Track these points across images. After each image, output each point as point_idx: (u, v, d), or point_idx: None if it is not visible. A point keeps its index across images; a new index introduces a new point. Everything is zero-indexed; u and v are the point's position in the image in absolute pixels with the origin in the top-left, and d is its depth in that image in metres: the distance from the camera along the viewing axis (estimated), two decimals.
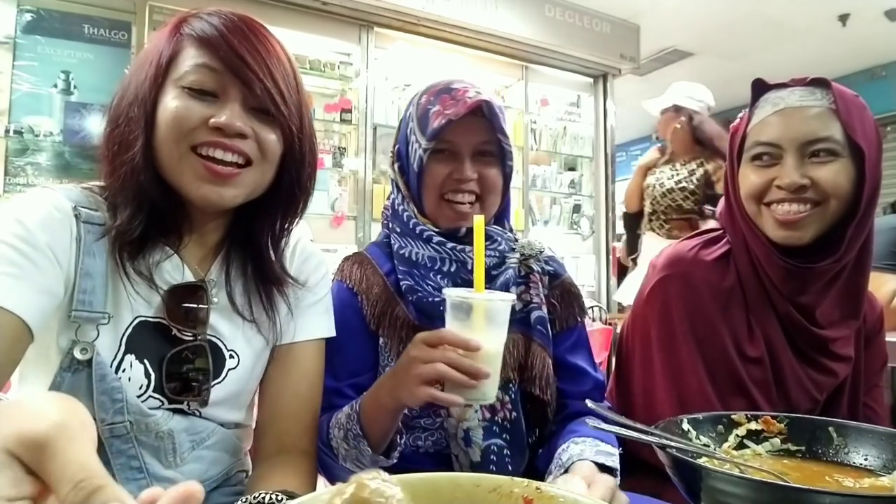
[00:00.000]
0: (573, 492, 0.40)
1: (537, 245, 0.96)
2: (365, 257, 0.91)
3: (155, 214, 0.67)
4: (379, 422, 0.73)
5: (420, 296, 0.84)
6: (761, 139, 0.85)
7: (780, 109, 0.84)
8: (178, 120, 0.64)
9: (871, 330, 0.96)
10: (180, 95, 0.65)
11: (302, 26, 2.92)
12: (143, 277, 0.67)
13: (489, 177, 0.87)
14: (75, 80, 2.55)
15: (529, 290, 0.90)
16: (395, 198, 0.92)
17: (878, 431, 0.63)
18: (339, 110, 3.11)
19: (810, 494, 0.46)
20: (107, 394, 0.63)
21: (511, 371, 0.85)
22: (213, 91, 0.65)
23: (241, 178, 0.67)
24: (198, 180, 0.65)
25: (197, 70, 0.65)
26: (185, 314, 0.69)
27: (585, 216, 3.94)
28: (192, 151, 0.65)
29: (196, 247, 0.73)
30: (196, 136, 0.64)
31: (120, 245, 0.65)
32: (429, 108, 0.85)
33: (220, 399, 0.72)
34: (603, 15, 3.79)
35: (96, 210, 0.67)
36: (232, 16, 0.69)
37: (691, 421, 0.66)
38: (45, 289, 0.60)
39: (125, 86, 0.68)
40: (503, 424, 0.83)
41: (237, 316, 0.74)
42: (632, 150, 7.12)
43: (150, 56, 0.67)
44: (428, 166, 0.86)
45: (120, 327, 0.66)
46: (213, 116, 0.64)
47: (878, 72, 4.82)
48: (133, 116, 0.65)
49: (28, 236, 0.60)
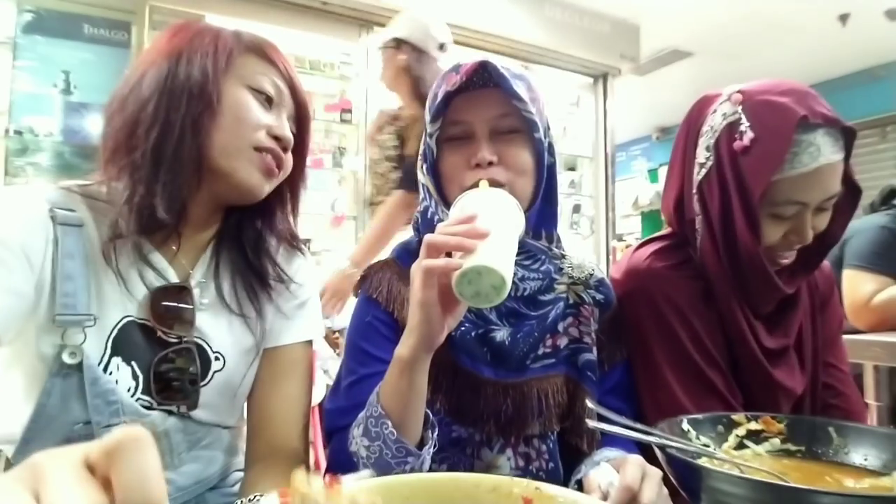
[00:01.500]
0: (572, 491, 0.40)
1: (587, 266, 0.85)
2: (399, 269, 0.81)
3: (152, 212, 0.65)
4: (400, 392, 0.62)
5: (460, 332, 0.75)
6: (795, 198, 0.78)
7: (819, 166, 0.77)
8: (247, 118, 0.69)
9: (824, 295, 0.95)
10: (247, 94, 0.70)
11: (302, 26, 2.91)
12: (126, 277, 0.66)
13: (511, 155, 0.73)
14: (75, 80, 2.54)
15: (579, 327, 0.80)
16: (427, 204, 0.82)
17: (878, 431, 0.63)
18: (339, 110, 3.10)
19: (810, 494, 0.46)
20: (101, 396, 0.63)
21: (552, 419, 0.77)
22: (272, 99, 0.72)
23: (275, 180, 0.75)
24: (253, 168, 0.70)
25: (264, 77, 0.72)
26: (169, 316, 0.69)
27: (585, 216, 3.94)
28: (253, 149, 0.70)
29: (188, 243, 0.74)
30: (259, 138, 0.70)
31: (105, 243, 0.65)
32: (436, 92, 0.75)
33: (207, 401, 0.72)
34: (603, 15, 3.79)
35: (73, 210, 0.66)
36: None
37: (691, 421, 0.66)
38: (13, 289, 0.59)
39: (139, 75, 0.68)
40: (538, 475, 0.75)
41: (224, 313, 0.74)
42: (632, 150, 7.11)
43: (211, 40, 0.70)
44: (441, 156, 0.75)
45: (106, 329, 0.66)
46: (271, 124, 0.71)
47: (878, 72, 4.81)
48: (195, 92, 0.66)
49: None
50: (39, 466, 0.21)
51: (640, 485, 0.56)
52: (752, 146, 0.79)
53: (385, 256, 0.86)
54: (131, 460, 0.22)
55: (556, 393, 0.77)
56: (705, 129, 0.87)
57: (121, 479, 0.21)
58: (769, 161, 0.77)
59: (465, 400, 0.75)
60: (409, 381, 0.62)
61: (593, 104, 4.00)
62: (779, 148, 0.76)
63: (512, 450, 0.76)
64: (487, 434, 0.76)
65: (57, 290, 0.62)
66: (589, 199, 3.98)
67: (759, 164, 0.78)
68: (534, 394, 0.76)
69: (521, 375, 0.77)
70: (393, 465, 0.63)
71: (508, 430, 0.76)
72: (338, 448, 0.69)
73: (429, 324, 0.60)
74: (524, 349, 0.77)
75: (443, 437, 0.75)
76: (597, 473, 0.61)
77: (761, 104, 0.81)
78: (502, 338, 0.76)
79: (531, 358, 0.78)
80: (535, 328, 0.78)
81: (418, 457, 0.63)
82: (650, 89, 5.12)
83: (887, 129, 4.78)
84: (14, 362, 0.64)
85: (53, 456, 0.22)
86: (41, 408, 0.61)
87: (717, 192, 0.83)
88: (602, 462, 0.65)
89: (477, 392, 0.75)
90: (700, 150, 0.86)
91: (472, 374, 0.75)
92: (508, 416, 0.75)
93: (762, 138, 0.78)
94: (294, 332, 0.79)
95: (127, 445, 0.22)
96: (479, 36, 3.36)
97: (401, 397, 0.62)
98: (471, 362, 0.75)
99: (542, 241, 0.79)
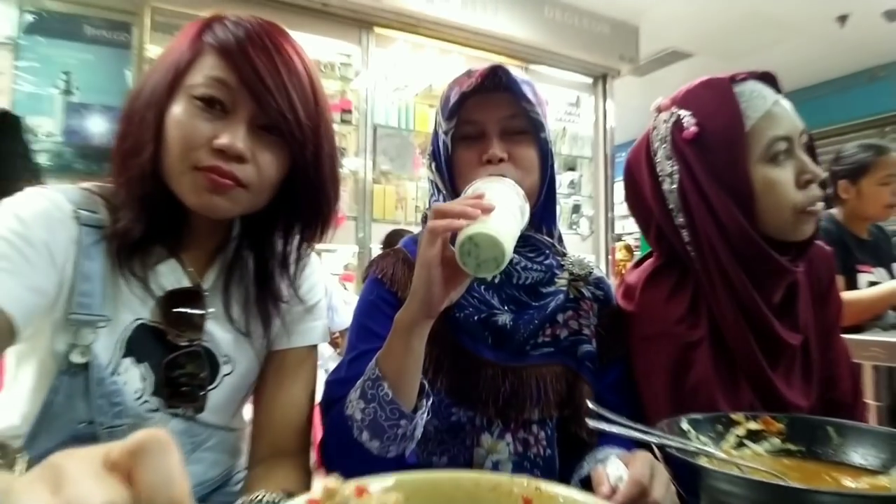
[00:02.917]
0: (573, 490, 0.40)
1: (587, 264, 0.89)
2: (406, 255, 0.84)
3: (156, 218, 0.66)
4: (397, 355, 0.65)
5: (464, 315, 0.78)
6: (777, 133, 0.79)
7: (776, 101, 0.81)
8: (184, 136, 0.63)
9: (824, 284, 0.92)
10: (190, 106, 0.63)
11: (302, 26, 2.91)
12: (141, 280, 0.67)
13: (520, 153, 0.78)
14: (76, 81, 2.55)
15: (579, 320, 0.84)
16: (436, 200, 0.84)
17: (877, 431, 0.63)
18: (340, 110, 3.11)
19: (810, 494, 0.46)
20: (105, 397, 0.63)
21: (550, 407, 0.79)
22: (223, 102, 0.64)
23: (237, 194, 0.65)
24: (197, 190, 0.64)
25: (210, 83, 0.63)
26: (180, 320, 0.69)
27: (585, 216, 3.94)
28: (194, 169, 0.63)
29: (195, 252, 0.73)
30: (199, 157, 0.63)
31: (118, 247, 0.65)
32: (449, 94, 0.81)
33: (215, 404, 0.72)
34: (602, 16, 3.79)
35: (95, 212, 0.66)
36: (257, 26, 0.66)
37: (691, 421, 0.66)
38: (36, 287, 0.59)
39: (142, 85, 0.67)
40: (535, 461, 0.78)
41: (229, 327, 0.74)
42: None
43: (171, 58, 0.66)
44: (455, 154, 0.80)
45: (118, 330, 0.66)
46: (216, 136, 0.62)
47: (878, 72, 4.82)
48: (147, 120, 0.64)
49: (25, 232, 0.59)
50: (59, 465, 0.21)
51: (651, 481, 0.57)
52: (703, 125, 0.82)
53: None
54: (156, 461, 0.22)
55: (554, 381, 0.79)
56: (656, 145, 0.87)
57: (145, 479, 0.22)
58: (729, 121, 0.80)
59: (465, 380, 0.78)
60: (406, 344, 0.64)
61: (593, 105, 4.01)
62: (728, 106, 0.80)
63: (511, 435, 0.78)
64: (487, 418, 0.78)
65: (75, 289, 0.63)
66: (588, 199, 3.98)
67: (722, 131, 0.80)
68: (532, 380, 0.79)
69: (521, 361, 0.80)
70: (385, 427, 0.65)
71: (507, 414, 0.78)
72: (337, 420, 0.70)
73: (429, 286, 0.62)
74: (524, 334, 0.80)
75: (443, 422, 0.78)
76: (606, 468, 0.61)
77: (689, 94, 0.85)
78: (504, 322, 0.79)
79: (531, 344, 0.81)
80: (535, 316, 0.81)
81: (411, 420, 0.65)
82: (649, 90, 5.10)
83: (886, 129, 4.78)
84: (28, 357, 0.65)
85: (73, 455, 0.22)
86: (48, 404, 0.62)
87: (693, 186, 0.82)
88: (612, 456, 0.65)
89: (477, 373, 0.78)
90: (662, 164, 0.86)
91: (472, 356, 0.78)
92: (506, 398, 0.77)
93: (709, 114, 0.82)
94: (301, 337, 0.79)
95: (151, 446, 0.22)
96: (479, 36, 3.37)
97: (397, 360, 0.65)
98: (472, 343, 0.79)
99: (545, 236, 0.84)
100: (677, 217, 0.85)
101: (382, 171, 3.20)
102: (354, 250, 3.09)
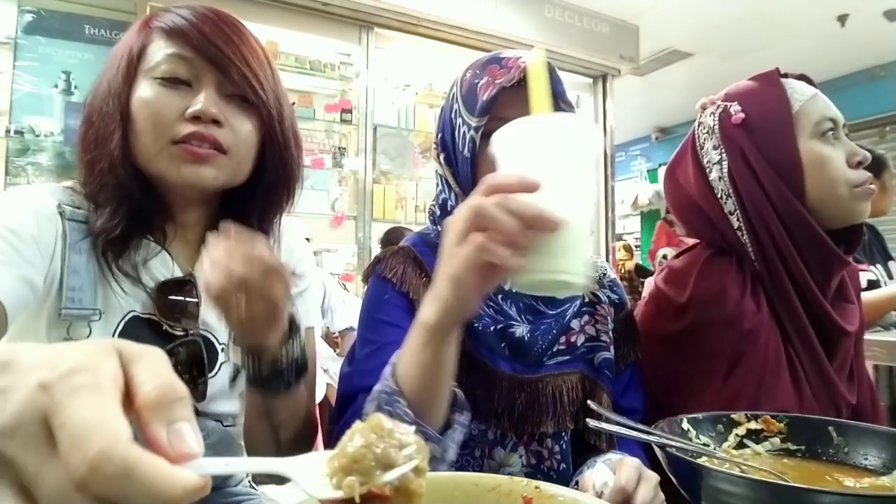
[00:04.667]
0: (572, 490, 0.40)
1: (600, 266, 0.86)
2: (415, 255, 0.78)
3: (136, 210, 0.67)
4: (423, 364, 0.54)
5: (481, 325, 0.74)
6: (825, 114, 0.83)
7: (816, 91, 0.85)
8: (154, 114, 0.64)
9: (854, 292, 0.94)
10: (153, 87, 0.64)
11: (302, 26, 2.91)
12: (129, 276, 0.67)
13: None
14: (76, 81, 2.54)
15: (596, 325, 0.80)
16: (445, 196, 0.78)
17: (878, 431, 0.63)
18: (339, 110, 3.11)
19: (810, 494, 0.46)
20: None
21: (566, 418, 0.75)
22: (186, 79, 0.65)
23: (218, 161, 0.66)
24: (177, 164, 0.65)
25: (169, 60, 0.64)
26: (174, 309, 0.69)
27: None
28: (172, 144, 0.64)
29: (181, 242, 0.74)
30: (175, 129, 0.64)
31: (103, 244, 0.65)
32: (475, 82, 0.73)
33: (215, 392, 0.72)
34: (602, 16, 3.79)
35: (79, 208, 0.67)
36: (202, 8, 0.68)
37: (691, 420, 0.66)
38: (26, 278, 0.60)
39: (97, 84, 0.68)
40: (549, 475, 0.75)
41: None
42: (631, 150, 7.12)
43: (121, 51, 0.67)
44: (483, 150, 0.71)
45: (111, 323, 0.66)
46: (188, 107, 0.64)
47: (878, 72, 4.82)
48: (108, 112, 0.65)
49: (13, 225, 0.60)
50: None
51: (636, 487, 0.56)
52: (750, 111, 0.85)
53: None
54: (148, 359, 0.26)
55: (570, 390, 0.76)
56: (702, 138, 0.89)
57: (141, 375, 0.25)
58: (776, 102, 0.84)
59: (479, 393, 0.74)
60: (434, 352, 0.53)
61: (592, 104, 4.00)
62: (775, 90, 0.84)
63: (524, 448, 0.76)
64: (501, 431, 0.75)
65: (64, 284, 0.63)
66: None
67: (770, 112, 0.84)
68: (548, 390, 0.76)
69: (537, 371, 0.76)
70: None
71: (521, 427, 0.75)
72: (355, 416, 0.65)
73: (459, 297, 0.51)
74: (542, 346, 0.77)
75: None
76: (592, 473, 0.61)
77: (734, 88, 0.88)
78: (521, 333, 0.76)
79: (548, 355, 0.78)
80: (552, 326, 0.78)
81: (438, 442, 0.55)
82: (649, 90, 5.12)
83: (886, 129, 4.78)
84: None
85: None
86: None
87: (743, 168, 0.84)
88: (599, 462, 0.64)
89: (492, 385, 0.74)
90: (709, 155, 0.88)
91: (488, 367, 0.75)
92: (521, 412, 0.75)
93: (756, 100, 0.85)
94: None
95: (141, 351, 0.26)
96: (479, 36, 3.36)
97: (423, 371, 0.54)
98: (489, 355, 0.75)
99: None
100: (726, 203, 0.86)
101: (382, 171, 3.20)
102: (354, 250, 3.09)
